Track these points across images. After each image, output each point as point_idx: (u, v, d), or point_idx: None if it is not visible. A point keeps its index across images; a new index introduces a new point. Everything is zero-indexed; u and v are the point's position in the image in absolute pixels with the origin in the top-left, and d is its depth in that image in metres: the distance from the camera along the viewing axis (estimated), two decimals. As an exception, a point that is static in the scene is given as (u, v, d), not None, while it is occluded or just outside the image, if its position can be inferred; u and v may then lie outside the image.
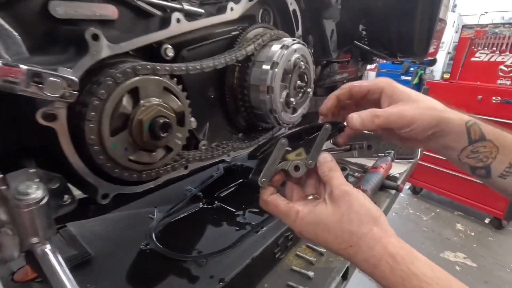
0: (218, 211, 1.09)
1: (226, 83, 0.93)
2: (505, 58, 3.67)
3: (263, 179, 0.52)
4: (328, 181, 0.50)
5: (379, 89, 0.56)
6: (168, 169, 0.73)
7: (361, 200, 0.47)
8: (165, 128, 0.62)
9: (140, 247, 0.87)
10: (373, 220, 0.46)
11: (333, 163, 0.53)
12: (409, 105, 0.52)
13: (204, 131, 0.92)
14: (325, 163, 0.53)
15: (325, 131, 0.56)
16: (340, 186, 0.48)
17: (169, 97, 0.67)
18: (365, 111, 0.53)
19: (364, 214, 0.46)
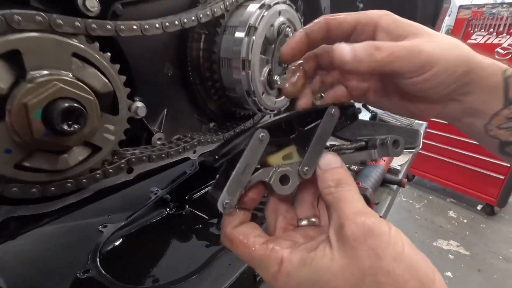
0: (187, 218, 0.89)
1: (188, 56, 0.70)
2: (502, 40, 3.54)
3: (225, 201, 0.31)
4: (336, 205, 0.30)
5: (371, 22, 0.36)
6: (98, 175, 0.51)
7: (399, 247, 0.27)
8: (73, 117, 0.40)
9: (77, 275, 0.66)
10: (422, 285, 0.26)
11: (343, 173, 0.32)
12: (424, 38, 0.34)
13: (159, 120, 0.70)
14: (330, 172, 0.33)
15: (330, 119, 0.35)
16: (358, 218, 0.28)
17: (85, 70, 0.44)
18: (359, 43, 0.34)
19: (406, 275, 0.26)
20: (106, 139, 0.49)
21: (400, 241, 0.27)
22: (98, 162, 0.50)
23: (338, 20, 0.37)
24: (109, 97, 0.48)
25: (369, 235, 0.27)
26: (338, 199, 0.30)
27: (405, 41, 0.34)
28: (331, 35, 0.38)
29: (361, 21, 0.37)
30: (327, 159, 0.34)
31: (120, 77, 0.50)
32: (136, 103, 0.61)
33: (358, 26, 0.37)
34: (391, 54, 0.33)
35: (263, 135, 0.32)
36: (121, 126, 0.51)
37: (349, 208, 0.29)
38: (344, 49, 0.34)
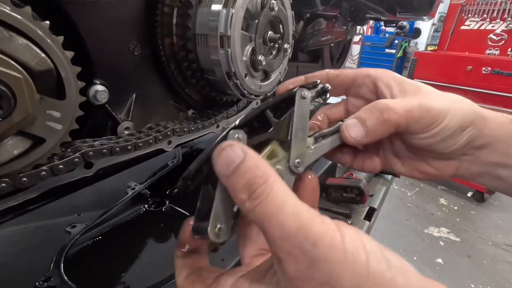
0: (167, 215, 0.81)
1: (158, 33, 0.60)
2: (495, 26, 3.50)
3: (217, 226, 0.24)
4: (262, 228, 0.21)
5: (371, 78, 0.37)
6: (44, 173, 0.42)
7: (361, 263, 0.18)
8: (-9, 101, 0.31)
9: (36, 284, 0.58)
10: None
11: (250, 168, 0.21)
12: (428, 96, 0.35)
13: (127, 107, 0.61)
14: (234, 176, 0.21)
15: (302, 102, 0.31)
16: (293, 247, 0.19)
17: (12, 41, 0.35)
18: (364, 109, 0.32)
19: None
20: (50, 129, 0.40)
21: (362, 253, 0.19)
22: (43, 157, 0.41)
23: (337, 73, 0.39)
24: (51, 77, 0.39)
25: (315, 264, 0.18)
26: (260, 218, 0.20)
27: (412, 99, 0.33)
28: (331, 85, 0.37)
29: (360, 74, 0.38)
30: (224, 156, 0.22)
31: (65, 53, 0.40)
32: (95, 87, 0.53)
33: (358, 79, 0.38)
34: (406, 113, 0.32)
35: (239, 136, 0.25)
36: (71, 113, 0.42)
37: (277, 230, 0.19)
38: (352, 126, 0.32)
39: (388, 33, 7.74)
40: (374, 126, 0.31)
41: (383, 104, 0.32)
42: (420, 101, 0.33)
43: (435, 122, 0.33)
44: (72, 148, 0.48)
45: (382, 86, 0.36)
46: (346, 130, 0.32)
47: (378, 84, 0.36)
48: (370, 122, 0.31)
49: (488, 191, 3.40)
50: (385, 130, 0.32)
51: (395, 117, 0.31)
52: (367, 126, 0.31)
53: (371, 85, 0.37)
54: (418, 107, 0.32)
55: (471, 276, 2.53)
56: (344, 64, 1.92)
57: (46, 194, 0.48)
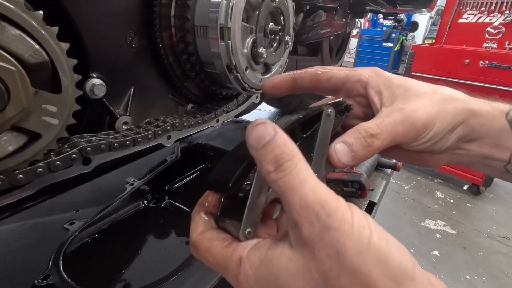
0: (166, 211, 0.80)
1: (156, 24, 0.59)
2: (493, 19, 3.49)
3: (247, 229, 0.28)
4: (283, 197, 0.24)
5: (361, 80, 0.38)
6: (40, 170, 0.41)
7: (365, 237, 0.22)
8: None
9: (35, 282, 0.57)
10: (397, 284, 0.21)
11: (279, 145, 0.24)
12: (417, 101, 0.35)
13: (125, 101, 0.59)
14: (264, 149, 0.24)
15: (327, 119, 0.33)
16: (311, 213, 0.22)
17: (4, 32, 0.33)
18: (351, 133, 0.33)
19: (375, 272, 0.21)
20: (46, 124, 0.39)
21: (367, 229, 0.22)
22: (39, 153, 0.40)
23: (329, 75, 0.38)
24: (46, 70, 0.38)
25: (326, 230, 0.22)
26: (283, 188, 0.23)
27: (398, 108, 0.34)
28: (321, 86, 0.39)
29: (351, 79, 0.38)
30: (256, 131, 0.24)
31: (61, 44, 0.39)
32: (92, 80, 0.51)
33: (349, 83, 0.38)
34: (389, 135, 0.33)
35: None
36: (67, 107, 0.41)
37: (297, 199, 0.23)
38: (339, 150, 0.33)
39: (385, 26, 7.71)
40: (360, 151, 0.33)
41: (366, 130, 0.33)
42: (404, 115, 0.34)
43: (423, 133, 0.34)
44: (69, 144, 0.46)
45: (372, 93, 0.37)
46: (335, 155, 0.33)
47: (368, 90, 0.37)
48: (356, 147, 0.33)
49: (484, 184, 3.44)
50: (371, 154, 0.34)
51: (378, 143, 0.33)
52: (354, 151, 0.33)
53: (361, 90, 0.38)
54: (402, 123, 0.33)
55: (466, 267, 2.57)
56: (343, 57, 1.91)
57: (43, 191, 0.47)
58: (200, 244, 0.28)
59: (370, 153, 0.33)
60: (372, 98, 0.37)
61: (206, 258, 0.28)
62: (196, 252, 0.29)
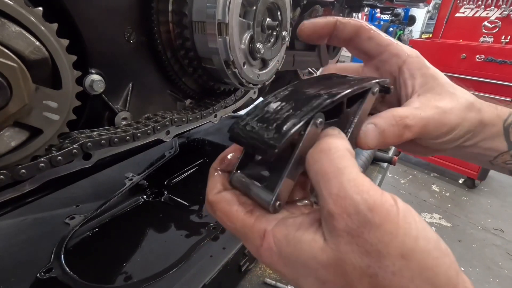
0: (166, 206, 0.81)
1: (154, 20, 0.59)
2: (489, 13, 3.50)
3: (277, 203, 0.24)
4: (318, 184, 0.22)
5: (398, 57, 0.35)
6: (42, 164, 0.42)
7: (411, 237, 0.19)
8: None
9: (37, 275, 0.58)
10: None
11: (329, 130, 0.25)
12: (450, 101, 0.35)
13: (124, 97, 0.60)
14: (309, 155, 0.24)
15: (371, 98, 0.31)
16: (350, 205, 0.20)
17: (5, 28, 0.33)
18: (385, 117, 0.31)
19: (418, 280, 0.19)
20: (47, 119, 0.40)
21: (414, 230, 0.20)
22: (40, 148, 0.41)
23: (371, 35, 0.36)
24: (46, 66, 0.38)
25: (367, 226, 0.19)
26: (320, 174, 0.22)
27: (432, 104, 0.34)
28: (358, 43, 0.36)
29: (390, 49, 0.36)
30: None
31: (60, 41, 0.39)
32: (91, 76, 0.51)
33: (386, 53, 0.36)
34: (422, 128, 0.32)
35: (321, 121, 0.25)
36: (68, 103, 0.41)
37: (335, 185, 0.21)
38: (370, 132, 0.31)
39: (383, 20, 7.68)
40: (390, 139, 0.31)
41: (402, 118, 0.31)
42: (440, 115, 0.33)
43: (444, 135, 0.34)
44: (69, 139, 0.47)
45: (407, 74, 0.35)
46: (365, 137, 0.31)
47: (403, 69, 0.35)
48: (387, 134, 0.31)
49: (479, 178, 3.48)
50: (398, 143, 0.32)
51: (409, 135, 0.31)
52: (384, 138, 0.31)
53: (395, 67, 0.36)
54: (436, 122, 0.32)
55: (461, 259, 2.61)
56: (340, 52, 1.91)
57: (44, 186, 0.47)
58: (217, 206, 0.26)
59: (398, 142, 0.32)
60: (405, 80, 0.35)
61: (223, 221, 0.26)
62: (213, 213, 0.27)
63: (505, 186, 3.69)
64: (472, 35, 3.57)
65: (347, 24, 0.35)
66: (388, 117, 0.31)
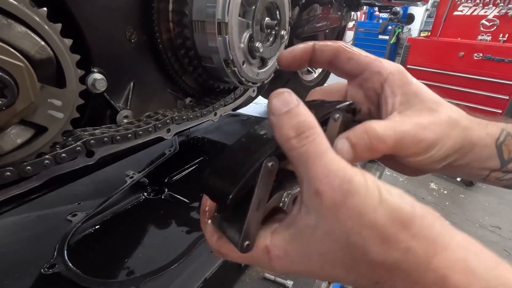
0: (166, 203, 0.83)
1: (154, 20, 0.60)
2: (487, 11, 3.51)
3: (246, 243, 0.26)
4: (304, 165, 0.25)
5: (380, 75, 0.35)
6: (47, 161, 0.43)
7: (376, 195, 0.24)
8: (-5, 90, 0.31)
9: (41, 270, 0.60)
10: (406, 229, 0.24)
11: (302, 114, 0.25)
12: (427, 118, 0.35)
13: (125, 96, 0.61)
14: (286, 116, 0.25)
15: (334, 124, 0.31)
16: (333, 180, 0.24)
17: (12, 29, 0.34)
18: (357, 131, 0.31)
19: (388, 221, 0.24)
20: (52, 117, 0.41)
21: (376, 188, 0.24)
22: (45, 145, 0.42)
23: (350, 55, 0.36)
24: (51, 66, 0.39)
25: (347, 196, 0.24)
26: (305, 156, 0.24)
27: (409, 119, 0.33)
28: (338, 65, 0.37)
29: (371, 67, 0.36)
30: (281, 98, 0.26)
31: (64, 40, 0.40)
32: (93, 75, 0.52)
33: (367, 72, 0.36)
34: (396, 143, 0.32)
35: (273, 164, 0.26)
36: (71, 101, 0.42)
37: (320, 167, 0.24)
38: (340, 146, 0.31)
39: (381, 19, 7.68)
40: (362, 152, 0.31)
41: (375, 133, 0.31)
42: (416, 130, 0.33)
43: (423, 152, 0.33)
44: (73, 137, 0.48)
45: (388, 91, 0.35)
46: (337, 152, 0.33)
47: (384, 87, 0.35)
48: (359, 148, 0.31)
49: (477, 175, 3.51)
50: (372, 157, 0.32)
51: (383, 147, 0.31)
52: (356, 152, 0.31)
53: (377, 85, 0.36)
54: (411, 137, 0.32)
55: (458, 256, 2.64)
56: (338, 51, 1.92)
57: (48, 182, 0.48)
58: (221, 250, 0.29)
59: (371, 155, 0.32)
60: (386, 97, 0.35)
61: (233, 258, 0.29)
62: (220, 255, 0.30)
63: (502, 184, 3.72)
64: (470, 33, 3.58)
65: (325, 48, 0.36)
66: (359, 130, 0.31)
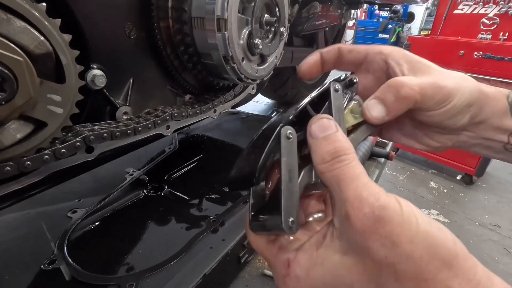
0: (166, 200, 0.83)
1: (154, 16, 0.60)
2: (488, 10, 3.50)
3: (289, 220, 0.25)
4: (336, 187, 0.25)
5: (382, 55, 0.37)
6: (47, 157, 0.43)
7: (413, 225, 0.23)
8: (-6, 84, 0.31)
9: (41, 266, 0.60)
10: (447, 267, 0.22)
11: (339, 139, 0.26)
12: (439, 74, 0.35)
13: (124, 92, 0.61)
14: (324, 140, 0.27)
15: (337, 94, 0.32)
16: (365, 205, 0.23)
17: (11, 24, 0.35)
18: (382, 88, 0.33)
19: (426, 256, 0.22)
20: (51, 113, 0.41)
21: (414, 218, 0.23)
22: (45, 141, 0.42)
23: (350, 48, 0.39)
24: (50, 61, 0.39)
25: (380, 222, 0.22)
26: (338, 179, 0.25)
27: (424, 77, 0.34)
28: (343, 60, 0.40)
29: (371, 51, 0.38)
30: (320, 124, 0.27)
31: (63, 36, 0.40)
32: (93, 71, 0.52)
33: (369, 55, 0.38)
34: (419, 90, 0.32)
35: (291, 132, 0.27)
36: (71, 97, 0.42)
37: (352, 190, 0.24)
38: (372, 106, 0.33)
39: (382, 17, 7.68)
40: (393, 104, 0.32)
41: (398, 81, 0.33)
42: (432, 79, 0.34)
43: (447, 99, 0.34)
44: (72, 133, 0.48)
45: (393, 63, 0.36)
46: (368, 111, 0.33)
47: (388, 61, 0.37)
48: (388, 101, 0.32)
49: (477, 174, 3.51)
50: (404, 107, 0.33)
51: (411, 93, 0.32)
52: (387, 105, 0.33)
53: (381, 63, 0.37)
54: (431, 84, 0.33)
55: (458, 254, 2.64)
56: (338, 49, 1.92)
57: (48, 178, 0.49)
58: (253, 243, 0.29)
59: (403, 105, 0.32)
60: (393, 68, 0.36)
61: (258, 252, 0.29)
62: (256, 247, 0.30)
63: (502, 183, 3.72)
64: (470, 32, 3.58)
65: (328, 52, 0.40)
66: (384, 87, 0.33)
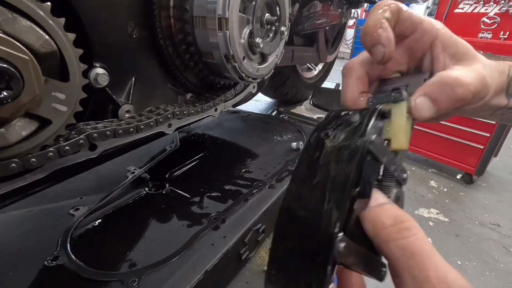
0: (167, 198, 0.83)
1: (156, 15, 0.60)
2: (488, 9, 3.50)
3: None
4: (408, 261, 0.21)
5: (432, 30, 0.33)
6: (51, 154, 0.43)
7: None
8: (2, 81, 0.32)
9: (45, 263, 0.61)
10: None
11: (396, 209, 0.23)
12: (479, 64, 0.33)
13: (127, 90, 0.62)
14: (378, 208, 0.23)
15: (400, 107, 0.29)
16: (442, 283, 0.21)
17: (17, 23, 0.35)
18: (435, 85, 0.29)
19: None
20: (56, 110, 0.41)
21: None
22: (49, 138, 0.43)
23: (408, 15, 0.33)
24: (55, 59, 0.40)
25: None
26: (409, 251, 0.21)
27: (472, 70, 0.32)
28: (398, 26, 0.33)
29: (423, 25, 0.34)
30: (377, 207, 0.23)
31: (67, 35, 0.41)
32: (96, 70, 0.53)
33: (419, 30, 0.34)
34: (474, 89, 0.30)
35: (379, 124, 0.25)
36: (75, 95, 0.43)
37: (432, 270, 0.20)
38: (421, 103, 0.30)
39: (382, 17, 7.64)
40: (445, 105, 0.29)
41: (454, 79, 0.29)
42: (480, 72, 0.31)
43: (485, 96, 0.32)
44: (76, 130, 0.49)
45: (440, 47, 0.33)
46: (417, 111, 0.30)
47: (435, 43, 0.33)
48: (441, 100, 0.29)
49: (477, 173, 3.51)
50: (456, 105, 0.29)
51: (467, 94, 0.29)
52: (438, 105, 0.29)
53: (427, 44, 0.34)
54: (480, 81, 0.30)
55: (458, 253, 2.64)
56: (338, 48, 1.92)
57: (52, 175, 0.49)
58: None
59: (455, 105, 0.29)
60: (438, 54, 0.33)
61: None
62: None
63: (502, 182, 3.73)
64: (471, 31, 3.57)
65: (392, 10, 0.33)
66: (437, 83, 0.29)
